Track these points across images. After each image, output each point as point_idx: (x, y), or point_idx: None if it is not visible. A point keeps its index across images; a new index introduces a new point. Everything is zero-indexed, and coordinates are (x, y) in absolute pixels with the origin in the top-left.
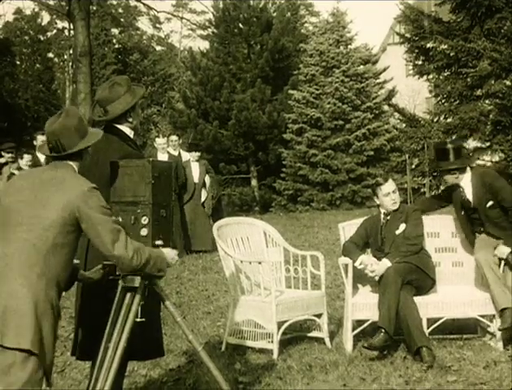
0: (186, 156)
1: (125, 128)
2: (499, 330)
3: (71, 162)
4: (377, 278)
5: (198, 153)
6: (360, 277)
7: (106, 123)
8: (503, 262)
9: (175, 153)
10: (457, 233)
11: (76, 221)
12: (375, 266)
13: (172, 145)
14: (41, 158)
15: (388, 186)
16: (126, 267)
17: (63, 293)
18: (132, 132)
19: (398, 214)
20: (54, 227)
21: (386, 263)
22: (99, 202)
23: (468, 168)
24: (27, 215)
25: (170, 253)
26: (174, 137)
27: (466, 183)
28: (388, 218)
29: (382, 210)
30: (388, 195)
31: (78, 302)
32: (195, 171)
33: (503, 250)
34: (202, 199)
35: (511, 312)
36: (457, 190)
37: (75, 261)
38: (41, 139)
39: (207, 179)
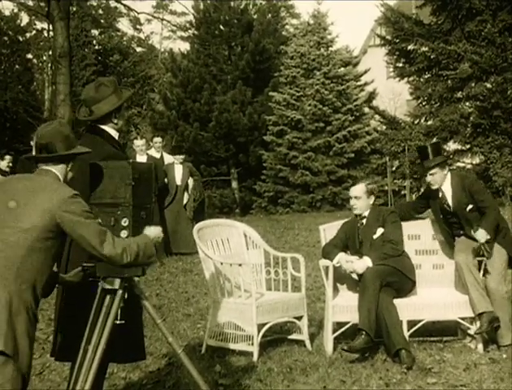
0: (169, 158)
1: (110, 129)
2: (475, 334)
3: (55, 170)
4: (356, 276)
5: (182, 156)
6: (341, 279)
7: (91, 124)
8: (483, 265)
9: (158, 156)
10: (438, 236)
11: (57, 227)
12: (356, 263)
13: (156, 147)
14: None
15: (353, 191)
16: (118, 265)
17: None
18: (117, 134)
19: (374, 217)
20: (33, 230)
21: (367, 261)
22: (82, 207)
23: (448, 173)
24: (7, 218)
25: (154, 232)
26: (157, 139)
27: (447, 187)
28: (364, 221)
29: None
30: (351, 199)
31: (58, 303)
32: (178, 174)
33: (482, 234)
34: (184, 201)
35: (488, 317)
36: (437, 195)
37: (54, 269)
38: None
39: (190, 181)
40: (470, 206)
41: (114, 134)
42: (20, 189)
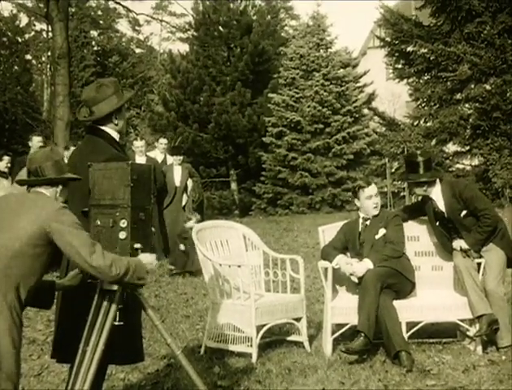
0: (169, 160)
1: (111, 131)
2: (475, 336)
3: (45, 192)
4: (356, 279)
5: (181, 157)
6: (340, 280)
7: (91, 125)
8: (482, 266)
9: (162, 157)
10: (436, 238)
11: (47, 237)
12: (356, 265)
13: (161, 149)
14: None
15: (371, 189)
16: (105, 277)
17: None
18: (118, 136)
19: (378, 219)
20: (22, 236)
21: (368, 264)
22: (71, 218)
23: (438, 180)
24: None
25: (148, 258)
26: (163, 140)
27: (437, 195)
28: (368, 223)
29: (361, 215)
30: (371, 198)
31: (58, 304)
32: (177, 175)
33: (458, 243)
34: (183, 203)
35: (487, 319)
36: (429, 202)
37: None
38: (36, 140)
39: (189, 182)
40: (463, 212)
41: (116, 135)
42: (12, 202)
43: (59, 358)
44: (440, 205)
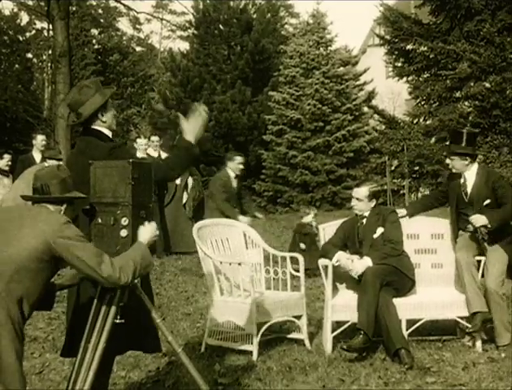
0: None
1: (101, 128)
2: (468, 332)
3: (49, 206)
4: (357, 276)
5: None
6: (340, 278)
7: (84, 127)
8: (483, 264)
9: (155, 154)
10: (437, 235)
11: (51, 252)
12: (356, 263)
13: (153, 146)
14: (37, 158)
15: (356, 192)
16: (116, 286)
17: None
18: (110, 133)
19: (375, 217)
20: (26, 249)
21: (367, 261)
22: (75, 232)
23: (475, 163)
24: (1, 238)
25: (149, 232)
26: (155, 138)
27: (471, 175)
28: (364, 221)
29: (355, 212)
30: (352, 199)
31: (72, 302)
32: None
33: (478, 219)
34: (184, 201)
35: (481, 316)
36: (459, 181)
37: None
38: (40, 138)
39: (190, 180)
40: (487, 201)
41: (107, 132)
42: (16, 214)
43: (65, 353)
44: (469, 185)
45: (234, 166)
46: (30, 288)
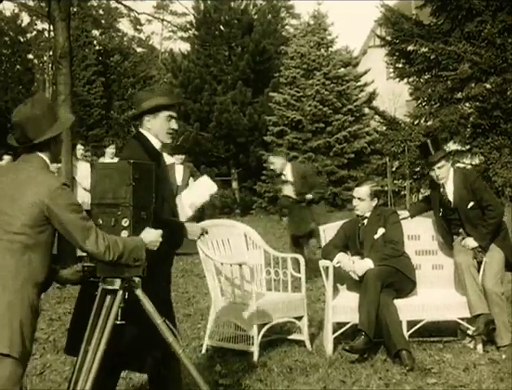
0: (169, 159)
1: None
2: (471, 335)
3: (41, 154)
4: (357, 277)
5: (182, 156)
6: (341, 279)
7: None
8: (483, 265)
9: None
10: (438, 236)
11: (47, 220)
12: (357, 264)
13: None
14: None
15: (357, 192)
16: (100, 260)
17: (42, 295)
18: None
19: (375, 218)
20: (25, 228)
21: (368, 263)
22: (68, 200)
23: (451, 169)
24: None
25: (152, 236)
26: None
27: (449, 182)
28: (365, 222)
29: (357, 213)
30: (354, 199)
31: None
32: (178, 174)
33: (469, 242)
34: None
35: (484, 319)
36: (438, 190)
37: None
38: None
39: (191, 181)
40: (471, 203)
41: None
42: (7, 184)
43: (67, 350)
44: (450, 193)
45: None
46: (39, 265)
